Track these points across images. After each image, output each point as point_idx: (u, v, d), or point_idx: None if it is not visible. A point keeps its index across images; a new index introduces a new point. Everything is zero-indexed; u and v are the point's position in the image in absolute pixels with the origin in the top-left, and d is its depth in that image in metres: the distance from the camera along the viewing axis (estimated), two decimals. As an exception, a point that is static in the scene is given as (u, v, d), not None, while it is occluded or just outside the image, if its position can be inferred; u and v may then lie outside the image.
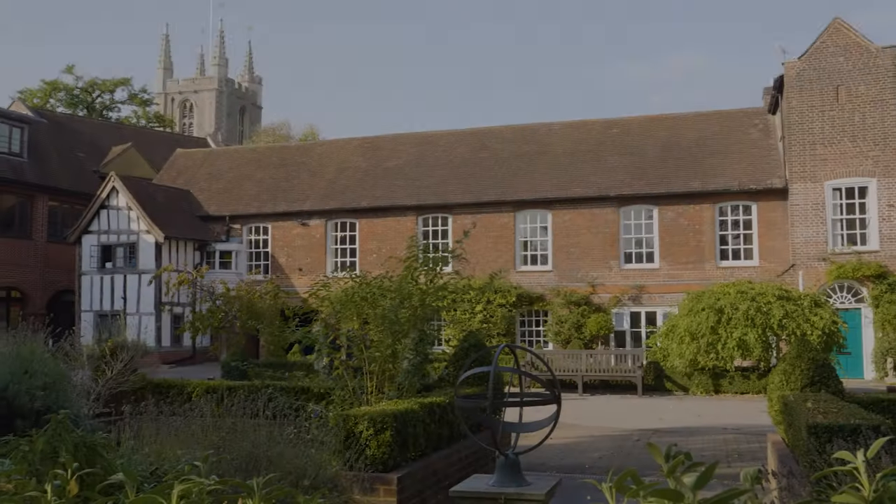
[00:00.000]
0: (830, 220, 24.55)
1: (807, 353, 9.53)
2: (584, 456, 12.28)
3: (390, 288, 10.42)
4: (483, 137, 32.07)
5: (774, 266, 25.76)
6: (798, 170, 24.79)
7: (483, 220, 28.69)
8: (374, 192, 30.73)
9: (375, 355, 9.85)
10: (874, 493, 1.59)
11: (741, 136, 28.38)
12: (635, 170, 28.14)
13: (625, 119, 31.11)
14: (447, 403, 8.93)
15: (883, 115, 24.17)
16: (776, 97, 27.10)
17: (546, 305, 27.58)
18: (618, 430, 15.01)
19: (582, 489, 9.36)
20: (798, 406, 7.68)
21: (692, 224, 26.82)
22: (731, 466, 10.78)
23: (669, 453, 1.78)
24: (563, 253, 27.94)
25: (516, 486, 5.87)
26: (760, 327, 20.39)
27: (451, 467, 8.70)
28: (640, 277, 27.01)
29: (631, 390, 22.36)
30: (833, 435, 6.27)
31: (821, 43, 24.97)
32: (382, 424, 7.45)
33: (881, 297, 23.49)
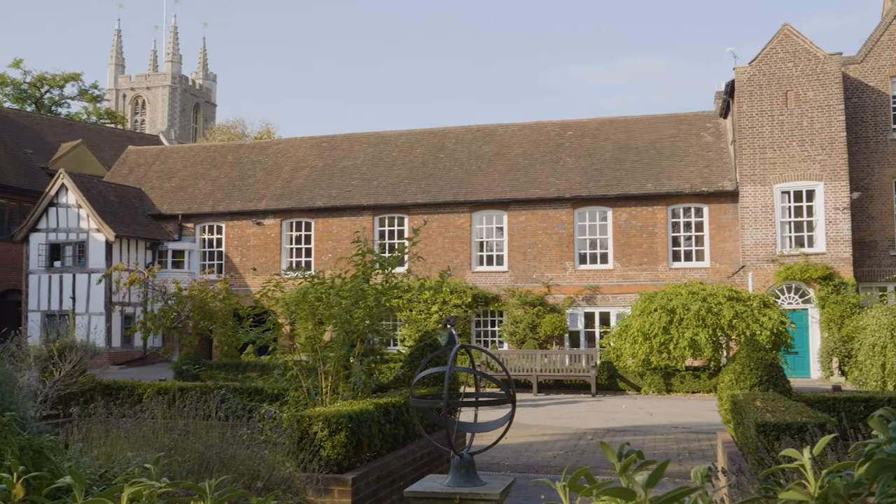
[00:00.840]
0: (779, 222, 25.06)
1: (756, 353, 9.71)
2: (539, 455, 12.36)
3: (345, 288, 10.37)
4: (440, 138, 32.10)
5: (725, 267, 26.22)
6: (748, 173, 25.26)
7: (439, 220, 28.75)
8: (330, 191, 30.57)
9: (330, 356, 9.79)
10: (820, 489, 1.63)
11: (694, 139, 28.84)
12: (590, 172, 28.42)
13: (580, 121, 31.40)
14: (402, 404, 8.92)
15: (830, 120, 24.75)
16: (727, 101, 27.59)
17: (501, 306, 27.71)
18: (572, 429, 15.13)
19: (536, 488, 9.43)
20: (747, 405, 7.83)
21: (646, 226, 27.17)
22: (682, 465, 10.95)
23: (622, 452, 1.80)
24: (518, 254, 28.10)
25: (471, 485, 5.88)
26: (711, 327, 20.73)
27: (406, 467, 8.69)
28: (595, 278, 27.29)
29: (585, 390, 22.57)
30: (781, 433, 6.40)
31: (771, 49, 25.48)
32: (337, 425, 7.41)
33: (827, 298, 24.06)
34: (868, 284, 25.00)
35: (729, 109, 27.90)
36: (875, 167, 25.37)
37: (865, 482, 1.54)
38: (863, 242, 25.17)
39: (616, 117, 31.31)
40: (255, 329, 10.80)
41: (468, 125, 32.58)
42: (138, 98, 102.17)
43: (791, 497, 1.61)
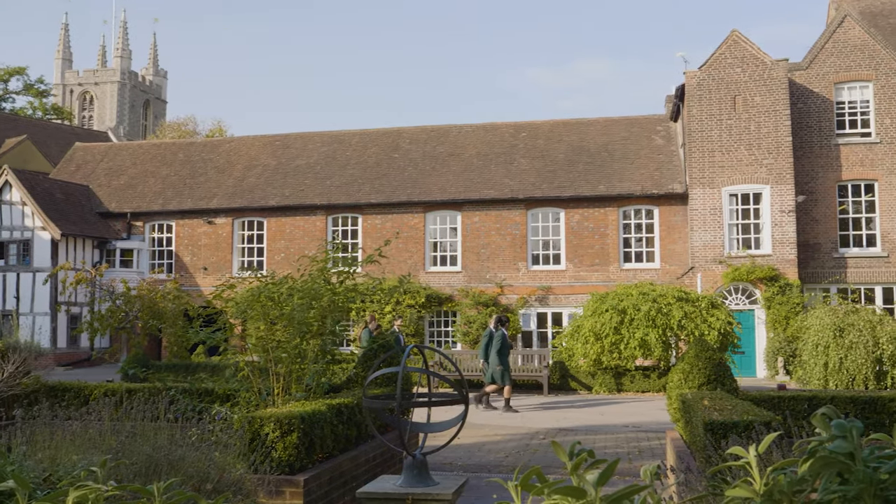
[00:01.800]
0: (727, 224, 25.53)
1: (704, 352, 9.88)
2: (491, 455, 12.41)
3: (299, 288, 10.29)
4: (395, 138, 32.04)
5: (675, 268, 26.63)
6: (697, 176, 25.69)
7: (393, 220, 28.71)
8: (283, 190, 30.31)
9: (282, 356, 9.71)
10: (765, 486, 1.66)
11: (645, 142, 29.24)
12: (544, 173, 28.63)
13: (534, 123, 31.61)
14: (355, 404, 8.88)
15: (777, 124, 25.29)
16: (678, 105, 28.03)
17: (455, 306, 27.77)
18: (524, 429, 15.22)
19: (488, 488, 9.46)
20: (696, 404, 7.96)
21: (598, 227, 27.47)
22: (633, 463, 11.08)
23: (573, 451, 1.81)
24: (472, 254, 28.19)
25: (423, 486, 5.89)
26: (661, 328, 21.04)
27: (358, 468, 8.66)
28: (547, 279, 27.50)
29: (537, 390, 22.72)
30: (728, 431, 6.51)
31: (720, 54, 25.95)
32: (289, 426, 7.36)
33: (773, 298, 24.58)
34: (812, 285, 25.61)
35: (679, 113, 28.34)
36: (819, 171, 26.00)
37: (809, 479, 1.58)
38: (807, 245, 25.77)
39: (569, 119, 31.60)
40: (206, 329, 10.65)
41: (423, 125, 32.58)
42: (86, 94, 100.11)
43: (737, 494, 1.64)
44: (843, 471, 1.52)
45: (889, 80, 25.84)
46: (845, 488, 1.49)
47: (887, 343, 19.55)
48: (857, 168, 25.83)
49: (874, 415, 9.52)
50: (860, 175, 25.81)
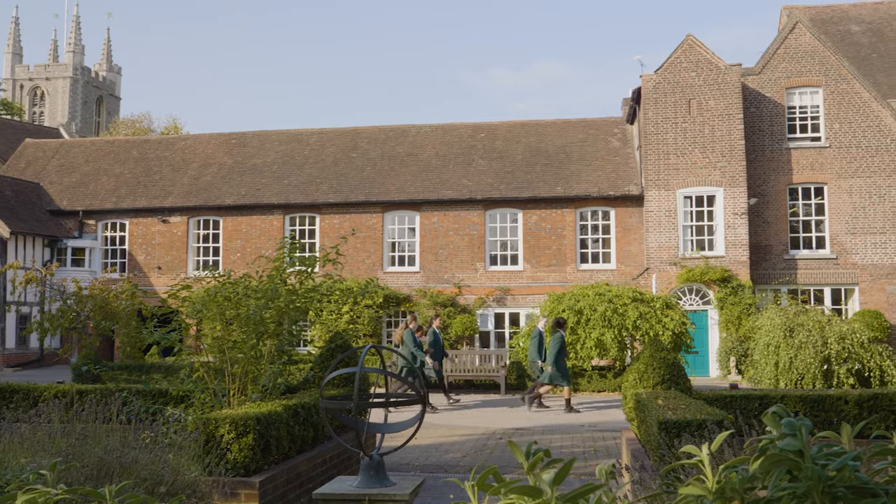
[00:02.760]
0: (682, 226, 25.89)
1: (658, 352, 10.01)
2: (449, 455, 12.42)
3: (256, 288, 10.19)
4: (353, 137, 31.92)
5: (630, 269, 26.94)
6: (653, 178, 26.01)
7: (352, 220, 28.59)
8: (240, 189, 29.99)
9: (238, 357, 9.61)
10: (717, 483, 1.68)
11: (602, 144, 29.53)
12: (502, 174, 28.75)
13: (493, 124, 31.73)
14: (312, 405, 8.83)
15: (730, 128, 25.72)
16: (634, 108, 28.35)
17: (413, 306, 27.74)
18: (481, 429, 15.26)
19: (445, 488, 9.47)
20: (650, 403, 8.06)
21: (555, 228, 27.66)
22: (588, 462, 11.18)
23: (529, 451, 1.83)
24: (430, 254, 28.19)
25: (380, 486, 5.87)
26: (617, 328, 21.26)
27: (315, 469, 8.61)
28: (505, 279, 27.62)
29: (495, 390, 22.79)
30: (681, 430, 6.60)
31: (675, 58, 26.31)
32: (245, 427, 7.28)
33: (725, 299, 24.99)
34: (763, 286, 26.10)
35: (635, 116, 28.67)
36: (771, 174, 26.50)
37: (759, 476, 1.61)
38: (759, 246, 26.25)
39: (528, 121, 31.78)
40: (161, 330, 10.50)
41: (381, 125, 32.50)
42: (37, 89, 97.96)
43: (690, 492, 1.67)
44: (793, 468, 1.55)
45: (838, 86, 26.44)
46: (794, 485, 1.52)
47: (835, 343, 20.00)
48: (807, 171, 26.39)
49: (822, 413, 9.73)
50: (810, 178, 26.37)
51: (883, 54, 36.03)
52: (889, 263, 25.80)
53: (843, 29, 37.34)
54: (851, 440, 1.80)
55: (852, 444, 1.78)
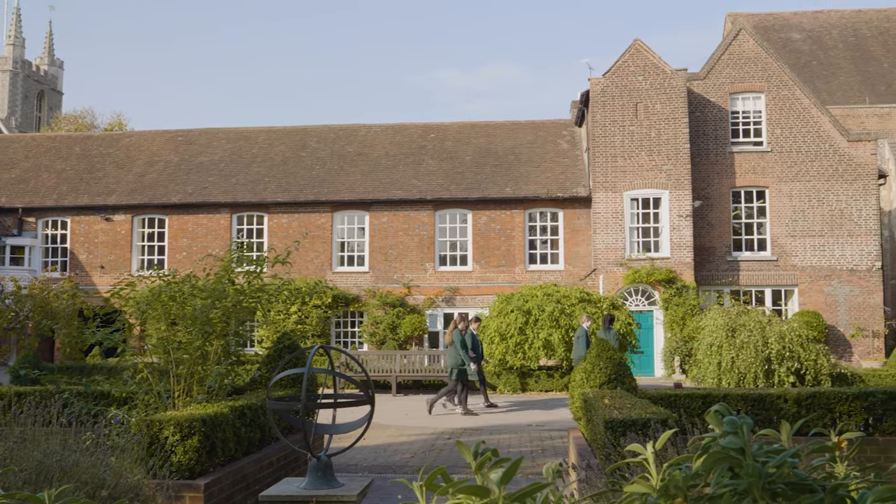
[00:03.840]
0: (628, 228, 26.26)
1: (605, 352, 10.13)
2: (397, 456, 12.40)
3: (203, 287, 10.04)
4: (302, 136, 31.66)
5: (578, 270, 27.22)
6: (601, 180, 26.33)
7: (300, 219, 28.37)
8: (186, 187, 29.53)
9: (184, 357, 9.46)
10: (661, 481, 1.71)
11: (551, 146, 29.78)
12: (452, 175, 28.81)
13: (443, 124, 31.77)
14: (259, 406, 8.74)
15: (676, 132, 26.17)
16: (582, 111, 28.66)
17: (362, 307, 27.63)
18: (430, 429, 15.27)
19: (394, 488, 9.45)
20: (596, 402, 8.15)
21: (504, 229, 27.81)
22: (536, 461, 11.26)
23: (477, 451, 1.83)
24: (380, 254, 28.11)
25: (328, 487, 5.84)
26: (564, 328, 21.46)
27: (262, 471, 8.52)
28: (454, 279, 27.68)
29: (443, 390, 22.80)
30: (627, 429, 6.69)
31: (623, 62, 26.67)
32: (190, 429, 7.18)
33: (670, 300, 25.42)
34: (707, 287, 26.61)
35: (584, 118, 28.98)
36: (715, 178, 27.03)
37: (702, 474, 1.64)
38: (703, 248, 26.75)
39: (478, 122, 31.91)
40: (103, 330, 10.28)
41: (331, 124, 32.31)
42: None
43: (635, 490, 1.69)
44: (735, 465, 1.59)
45: (780, 92, 27.08)
46: (736, 482, 1.55)
47: (775, 342, 20.46)
48: (749, 175, 26.97)
49: (763, 411, 9.95)
50: (752, 182, 26.97)
51: (822, 62, 37.02)
52: (827, 265, 26.51)
53: (785, 36, 38.28)
54: (790, 438, 1.85)
55: (791, 441, 1.83)
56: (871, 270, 26.45)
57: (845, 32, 38.32)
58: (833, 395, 10.13)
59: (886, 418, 9.98)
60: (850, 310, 26.39)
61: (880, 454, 9.56)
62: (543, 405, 19.17)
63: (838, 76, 36.17)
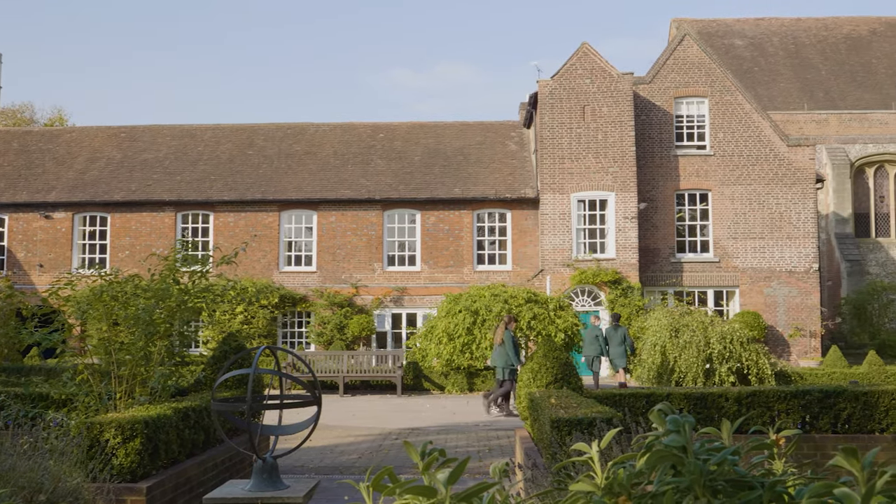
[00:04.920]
0: (575, 229, 26.55)
1: (552, 352, 10.22)
2: (344, 457, 12.34)
3: (146, 287, 9.86)
4: (249, 134, 31.30)
5: (526, 271, 27.41)
6: (548, 181, 26.57)
7: (247, 218, 28.03)
8: (129, 185, 28.95)
9: (126, 358, 9.28)
10: (606, 480, 1.73)
11: (500, 147, 29.95)
12: (401, 175, 28.77)
13: (392, 124, 31.71)
14: (203, 407, 8.62)
15: (622, 135, 26.54)
16: (531, 112, 28.89)
17: (309, 307, 27.42)
18: (377, 429, 15.24)
19: (340, 490, 9.41)
20: (543, 402, 8.22)
21: (452, 229, 27.87)
22: (483, 461, 11.32)
23: (424, 451, 1.84)
24: (327, 254, 27.93)
25: (273, 489, 5.79)
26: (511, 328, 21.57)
27: (206, 473, 8.40)
28: (403, 280, 27.64)
29: (391, 390, 22.79)
30: (572, 428, 6.76)
31: (571, 65, 26.95)
32: (132, 431, 7.04)
33: (616, 300, 25.76)
34: (651, 288, 27.04)
35: (532, 120, 29.21)
36: (659, 180, 27.49)
37: (646, 472, 1.66)
38: (647, 249, 27.18)
39: (427, 122, 31.92)
40: (42, 330, 10.03)
41: (279, 122, 32.00)
42: None
43: (580, 488, 1.71)
44: (677, 463, 1.62)
45: (723, 97, 27.66)
46: (678, 480, 1.58)
47: (716, 343, 20.87)
48: (693, 178, 27.49)
49: (705, 410, 10.16)
50: (696, 185, 27.49)
51: (763, 68, 37.92)
52: (767, 267, 27.15)
53: (728, 43, 39.11)
54: (731, 436, 1.89)
55: (732, 439, 1.87)
56: (809, 272, 27.17)
57: (785, 40, 39.32)
58: (772, 393, 10.39)
59: (822, 416, 10.27)
60: (788, 310, 27.08)
61: (816, 451, 9.83)
62: (491, 405, 19.26)
63: (778, 82, 37.09)
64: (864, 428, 10.24)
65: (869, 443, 9.90)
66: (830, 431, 10.23)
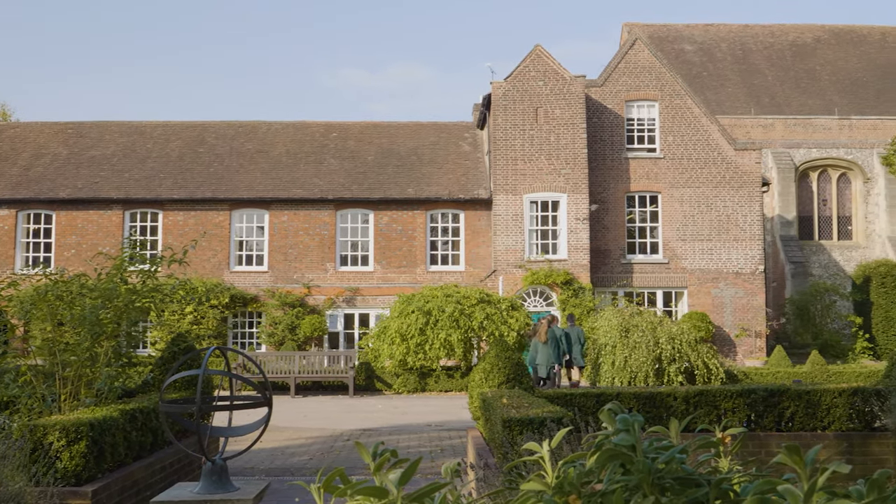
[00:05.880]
0: (528, 230, 26.73)
1: (504, 352, 10.28)
2: (295, 458, 12.24)
3: (93, 287, 9.67)
4: (200, 132, 30.87)
5: (478, 271, 27.51)
6: (501, 182, 26.70)
7: (197, 217, 27.64)
8: (76, 182, 28.33)
9: (71, 360, 9.08)
10: (556, 479, 1.74)
11: (453, 147, 30.00)
12: (354, 174, 28.64)
13: (345, 123, 31.56)
14: (152, 409, 8.48)
15: (574, 137, 26.80)
16: (484, 114, 29.01)
17: (260, 307, 27.15)
18: (329, 430, 15.15)
19: (291, 491, 9.33)
20: (495, 402, 8.26)
21: (406, 230, 27.84)
22: (435, 461, 11.33)
23: (376, 452, 1.83)
24: (279, 254, 27.68)
25: (223, 492, 5.72)
26: (464, 329, 21.68)
27: (153, 476, 8.27)
28: (355, 280, 27.52)
29: (343, 391, 22.69)
30: (524, 428, 6.81)
31: (524, 67, 27.13)
32: (77, 434, 6.90)
33: (567, 301, 26.00)
34: (603, 289, 27.35)
35: (486, 121, 29.33)
36: (611, 182, 27.82)
37: (595, 470, 1.68)
38: (599, 250, 27.49)
39: (380, 122, 31.84)
40: (-18, 331, 9.77)
41: (230, 120, 31.62)
42: None
43: (531, 487, 1.72)
44: (626, 462, 1.64)
45: (672, 101, 28.10)
46: (627, 478, 1.60)
47: (665, 343, 21.20)
48: (643, 181, 27.88)
49: (654, 409, 10.31)
50: (646, 187, 27.88)
51: (712, 73, 38.62)
52: (714, 269, 27.65)
53: (678, 48, 39.75)
54: (679, 434, 1.92)
55: (680, 437, 1.90)
56: (755, 274, 27.74)
57: (733, 46, 40.11)
58: (719, 392, 10.59)
59: (767, 414, 10.50)
60: (735, 311, 27.61)
61: (761, 448, 10.05)
62: (443, 405, 19.29)
63: (726, 87, 37.81)
64: (807, 426, 10.49)
65: (812, 440, 10.16)
66: (775, 429, 10.46)
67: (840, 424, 10.46)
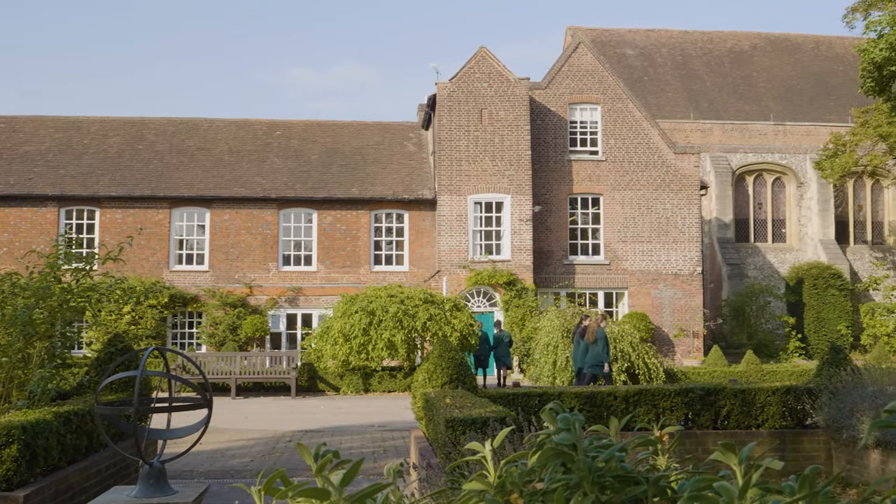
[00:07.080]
0: (472, 231, 26.84)
1: (447, 353, 10.30)
2: (235, 460, 12.08)
3: (25, 286, 9.40)
4: (139, 128, 30.24)
5: (423, 272, 27.52)
6: (446, 183, 26.76)
7: (136, 215, 27.07)
8: (8, 178, 27.50)
9: (2, 361, 8.81)
10: (499, 478, 1.76)
11: (398, 147, 29.95)
12: (297, 173, 28.39)
13: (289, 122, 31.26)
14: (87, 411, 8.28)
15: (518, 138, 27.00)
16: (430, 114, 29.03)
17: (201, 307, 26.73)
18: (270, 432, 14.99)
19: (231, 494, 9.21)
20: (438, 402, 8.27)
21: (350, 229, 27.70)
22: (378, 462, 11.29)
23: (318, 453, 1.82)
24: (220, 253, 27.28)
25: (161, 495, 5.62)
26: (407, 329, 21.66)
27: (89, 480, 8.07)
28: (298, 280, 27.29)
29: (285, 392, 22.47)
30: (467, 427, 6.83)
31: (469, 68, 27.23)
32: (7, 438, 6.70)
33: (511, 301, 26.19)
34: (545, 289, 27.61)
35: (430, 122, 29.36)
36: (554, 184, 28.10)
37: (537, 469, 1.70)
38: (541, 251, 27.74)
39: (324, 121, 31.62)
40: None
41: (170, 117, 31.05)
42: None
43: (473, 487, 1.73)
44: (567, 461, 1.66)
45: (615, 105, 28.52)
46: (568, 476, 1.62)
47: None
48: (585, 183, 28.23)
49: (595, 408, 10.44)
50: (588, 189, 28.24)
51: (653, 77, 39.31)
52: (654, 270, 28.14)
53: (620, 52, 40.36)
54: (618, 433, 1.95)
55: (619, 436, 1.93)
56: (693, 275, 28.32)
57: (674, 51, 40.88)
58: (657, 392, 10.78)
59: (704, 413, 10.72)
60: (673, 312, 28.14)
61: (697, 446, 10.26)
62: (386, 405, 19.25)
63: (667, 92, 38.53)
64: (742, 424, 10.75)
65: (746, 438, 10.41)
66: (711, 427, 10.69)
67: (774, 422, 10.75)
